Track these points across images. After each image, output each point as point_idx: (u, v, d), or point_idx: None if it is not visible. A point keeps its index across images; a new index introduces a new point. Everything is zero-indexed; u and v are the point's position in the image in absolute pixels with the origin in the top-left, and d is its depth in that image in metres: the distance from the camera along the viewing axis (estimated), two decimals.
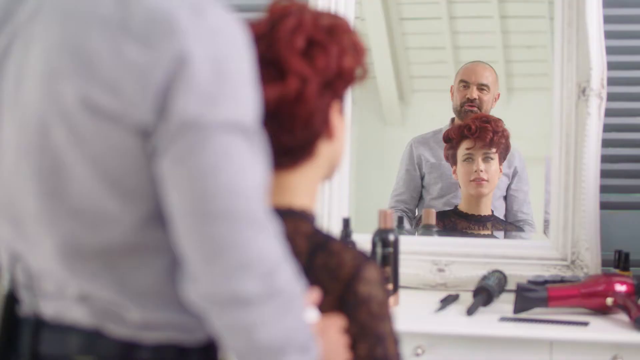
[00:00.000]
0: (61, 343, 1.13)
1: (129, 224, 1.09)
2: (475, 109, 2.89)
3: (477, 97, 2.90)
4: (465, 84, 2.93)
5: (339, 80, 1.32)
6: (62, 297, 1.13)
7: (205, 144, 1.04)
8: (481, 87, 2.91)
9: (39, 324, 1.15)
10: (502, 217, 2.88)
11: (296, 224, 1.36)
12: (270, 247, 1.07)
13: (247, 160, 1.07)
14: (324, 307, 1.30)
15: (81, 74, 1.05)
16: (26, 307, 1.18)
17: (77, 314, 1.13)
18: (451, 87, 2.97)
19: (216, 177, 1.04)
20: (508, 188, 2.89)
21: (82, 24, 1.07)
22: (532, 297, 2.19)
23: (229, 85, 1.06)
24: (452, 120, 2.95)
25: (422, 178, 2.94)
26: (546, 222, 2.68)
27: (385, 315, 1.31)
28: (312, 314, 1.20)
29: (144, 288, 1.11)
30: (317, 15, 1.34)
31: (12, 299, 1.20)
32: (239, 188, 1.05)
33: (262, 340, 1.07)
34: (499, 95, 2.94)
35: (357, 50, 1.35)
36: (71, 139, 1.07)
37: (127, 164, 1.07)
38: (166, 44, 1.04)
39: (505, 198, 2.89)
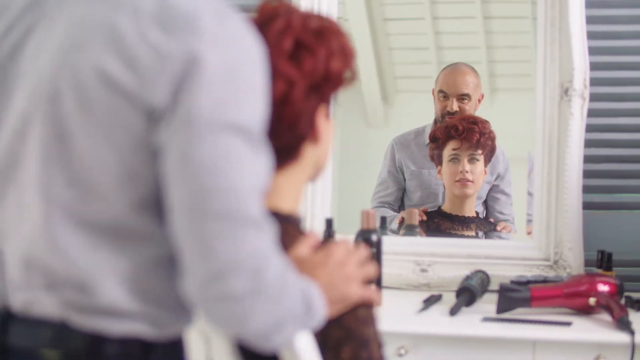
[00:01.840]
0: (29, 336, 1.14)
1: (119, 204, 1.11)
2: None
3: (457, 110, 2.87)
4: (444, 94, 2.88)
5: (326, 84, 1.32)
6: (29, 286, 1.14)
7: (207, 142, 1.06)
8: (461, 98, 2.88)
9: (7, 317, 1.16)
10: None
11: (283, 227, 1.35)
12: (259, 245, 1.09)
13: (246, 162, 1.09)
14: None
15: (102, 46, 1.09)
16: None
17: (44, 306, 1.13)
18: (433, 90, 2.94)
19: (213, 175, 1.06)
20: (490, 191, 2.89)
21: (112, 6, 1.11)
22: (515, 297, 2.19)
23: (238, 89, 1.09)
24: (435, 121, 2.94)
25: (405, 180, 2.93)
26: (529, 222, 2.68)
27: (369, 319, 1.31)
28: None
29: (121, 273, 1.12)
30: (306, 17, 1.33)
31: None
32: (235, 188, 1.07)
33: (255, 328, 1.11)
34: (482, 96, 2.91)
35: (346, 53, 1.34)
36: (80, 109, 1.10)
37: (129, 145, 1.10)
38: (186, 38, 1.07)
39: (485, 202, 2.89)
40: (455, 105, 2.86)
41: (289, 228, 1.35)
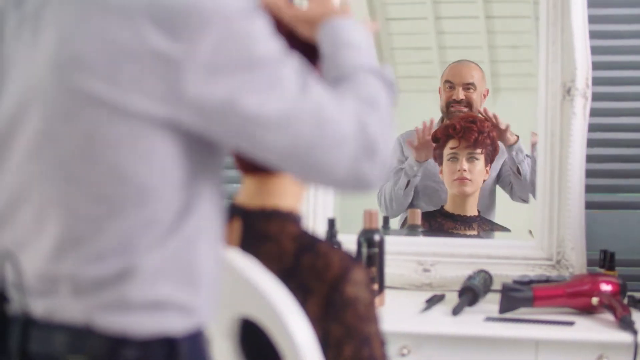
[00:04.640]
0: (50, 342, 1.12)
1: (165, 200, 1.10)
2: (463, 108, 2.89)
3: (463, 98, 2.90)
4: (450, 84, 2.94)
5: None
6: (54, 294, 1.12)
7: (259, 114, 1.08)
8: (467, 87, 2.92)
9: (28, 323, 1.14)
10: (490, 213, 2.89)
11: (283, 225, 1.36)
12: (348, 129, 1.14)
13: (292, 86, 1.11)
14: (310, 308, 1.29)
15: (100, 65, 1.06)
16: (15, 305, 1.16)
17: (69, 311, 1.11)
18: (439, 88, 2.97)
19: (284, 131, 1.10)
20: (503, 166, 2.88)
21: (99, 10, 1.08)
22: (517, 297, 2.19)
23: (250, 50, 1.09)
24: (442, 119, 2.96)
25: None
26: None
27: (371, 317, 1.31)
28: None
29: (152, 267, 1.10)
30: None
31: (1, 297, 1.18)
32: (306, 122, 1.11)
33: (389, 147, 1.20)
34: (487, 91, 2.94)
35: None
36: (99, 131, 1.07)
37: (161, 152, 1.09)
38: (192, 36, 1.05)
39: (499, 176, 2.88)
40: (461, 94, 2.90)
41: (287, 225, 1.36)
